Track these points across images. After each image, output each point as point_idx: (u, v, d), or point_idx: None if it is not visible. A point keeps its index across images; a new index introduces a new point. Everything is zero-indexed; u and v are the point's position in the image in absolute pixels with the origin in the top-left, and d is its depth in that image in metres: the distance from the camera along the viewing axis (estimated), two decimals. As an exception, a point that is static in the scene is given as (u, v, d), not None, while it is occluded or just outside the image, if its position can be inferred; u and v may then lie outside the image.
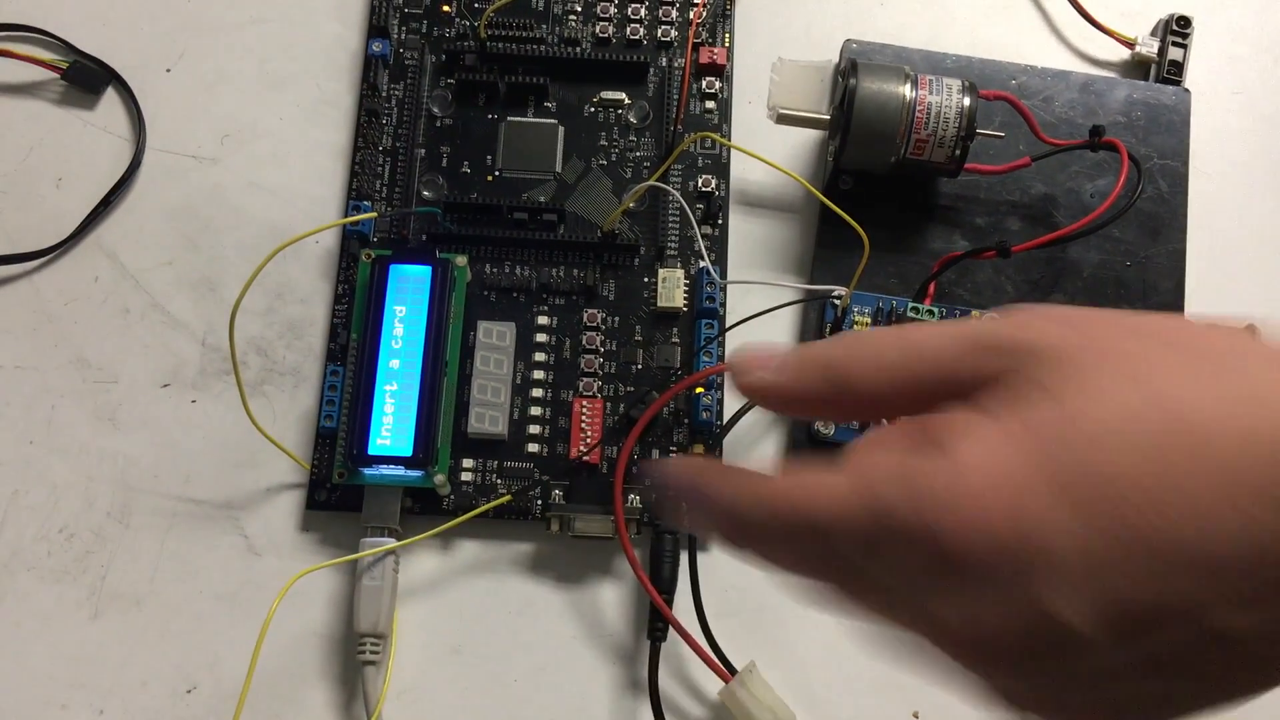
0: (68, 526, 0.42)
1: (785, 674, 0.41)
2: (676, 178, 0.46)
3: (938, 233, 0.46)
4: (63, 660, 0.41)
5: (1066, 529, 0.21)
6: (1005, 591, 0.22)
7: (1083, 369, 0.22)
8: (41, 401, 0.43)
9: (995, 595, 0.22)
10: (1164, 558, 0.21)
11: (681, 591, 0.41)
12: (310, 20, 0.49)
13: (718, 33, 0.48)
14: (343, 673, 0.41)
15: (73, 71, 0.47)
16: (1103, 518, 0.21)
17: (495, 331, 0.43)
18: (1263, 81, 0.51)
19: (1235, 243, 0.48)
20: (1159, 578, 0.21)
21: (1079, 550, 0.21)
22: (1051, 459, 0.22)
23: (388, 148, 0.46)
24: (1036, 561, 0.21)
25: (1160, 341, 0.23)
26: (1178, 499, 0.21)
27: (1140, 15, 0.50)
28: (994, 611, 0.22)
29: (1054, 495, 0.21)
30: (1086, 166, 0.47)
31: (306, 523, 0.42)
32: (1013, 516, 0.21)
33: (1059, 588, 0.21)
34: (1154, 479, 0.21)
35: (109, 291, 0.45)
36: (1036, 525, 0.21)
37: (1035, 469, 0.22)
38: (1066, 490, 0.21)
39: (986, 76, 0.47)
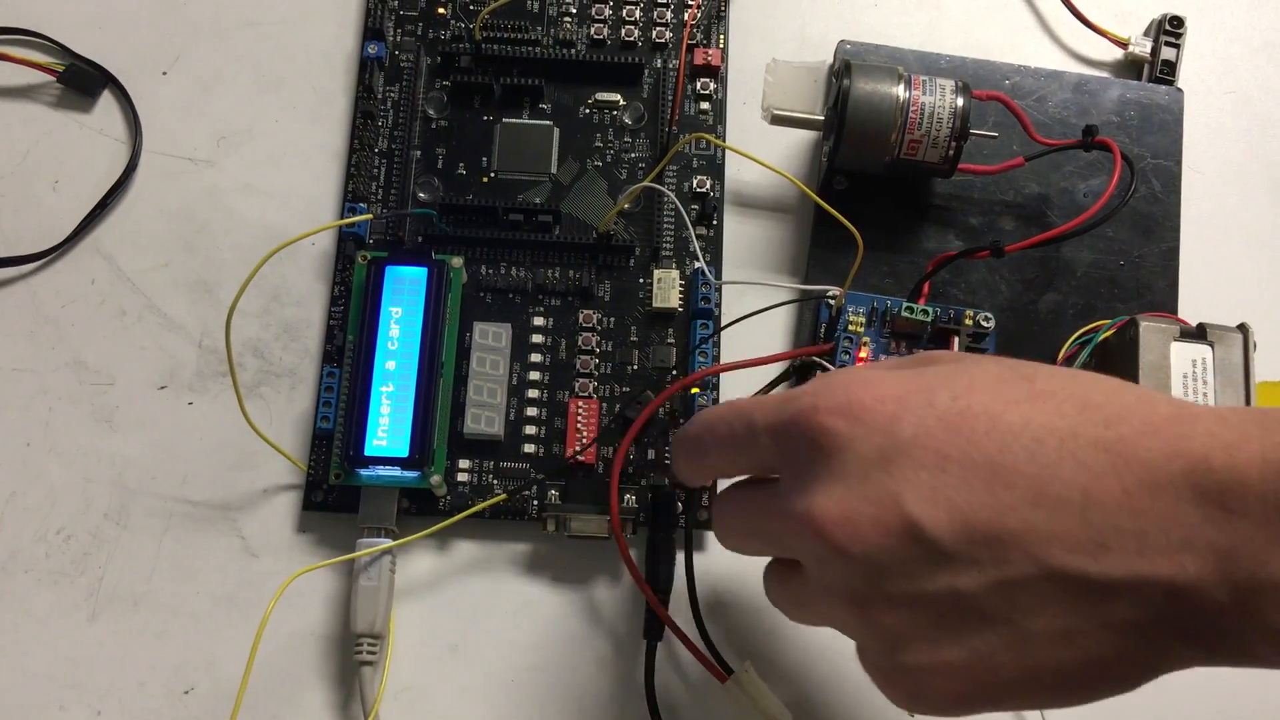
0: (65, 528, 0.42)
1: (780, 674, 0.41)
2: (671, 179, 0.46)
3: (932, 232, 0.46)
4: (60, 661, 0.41)
5: (930, 432, 0.27)
6: (873, 481, 0.27)
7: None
8: (39, 403, 0.44)
9: (865, 485, 0.27)
10: (1007, 481, 0.26)
11: (678, 591, 0.41)
12: (305, 23, 0.49)
13: (712, 34, 0.48)
14: (340, 673, 0.41)
15: (69, 74, 0.47)
16: (961, 434, 0.26)
17: (491, 332, 0.44)
18: (1255, 81, 0.51)
19: (1228, 241, 0.48)
20: (1002, 499, 0.26)
21: (937, 455, 0.26)
22: (929, 388, 0.28)
23: (383, 149, 0.46)
24: (900, 457, 0.27)
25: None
26: (1021, 439, 0.26)
27: (1133, 15, 0.51)
28: (865, 501, 0.27)
29: (925, 407, 0.27)
30: (1080, 166, 0.47)
31: (303, 524, 0.43)
32: (885, 414, 0.27)
33: (918, 488, 0.26)
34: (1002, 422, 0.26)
35: (106, 294, 0.45)
36: (906, 424, 0.27)
37: (915, 390, 0.28)
38: (934, 405, 0.27)
39: (980, 77, 0.48)
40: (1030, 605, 0.26)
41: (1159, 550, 0.24)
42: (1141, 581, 0.25)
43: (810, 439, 0.28)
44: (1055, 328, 0.45)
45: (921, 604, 0.27)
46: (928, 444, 0.27)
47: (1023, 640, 0.26)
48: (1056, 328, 0.45)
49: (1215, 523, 0.24)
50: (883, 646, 0.28)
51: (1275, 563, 0.23)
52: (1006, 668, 0.26)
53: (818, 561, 0.29)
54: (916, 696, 0.28)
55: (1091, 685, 0.27)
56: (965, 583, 0.26)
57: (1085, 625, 0.25)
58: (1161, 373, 0.40)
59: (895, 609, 0.27)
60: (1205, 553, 0.24)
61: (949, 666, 0.27)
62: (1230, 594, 0.24)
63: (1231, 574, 0.24)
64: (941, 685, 0.27)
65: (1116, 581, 0.25)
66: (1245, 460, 0.24)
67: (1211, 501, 0.24)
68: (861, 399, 0.28)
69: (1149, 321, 0.41)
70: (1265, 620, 0.24)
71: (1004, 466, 0.26)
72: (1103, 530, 0.25)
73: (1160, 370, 0.40)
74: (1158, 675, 0.26)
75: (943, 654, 0.27)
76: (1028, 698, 0.27)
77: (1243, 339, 0.41)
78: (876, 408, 0.28)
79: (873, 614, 0.28)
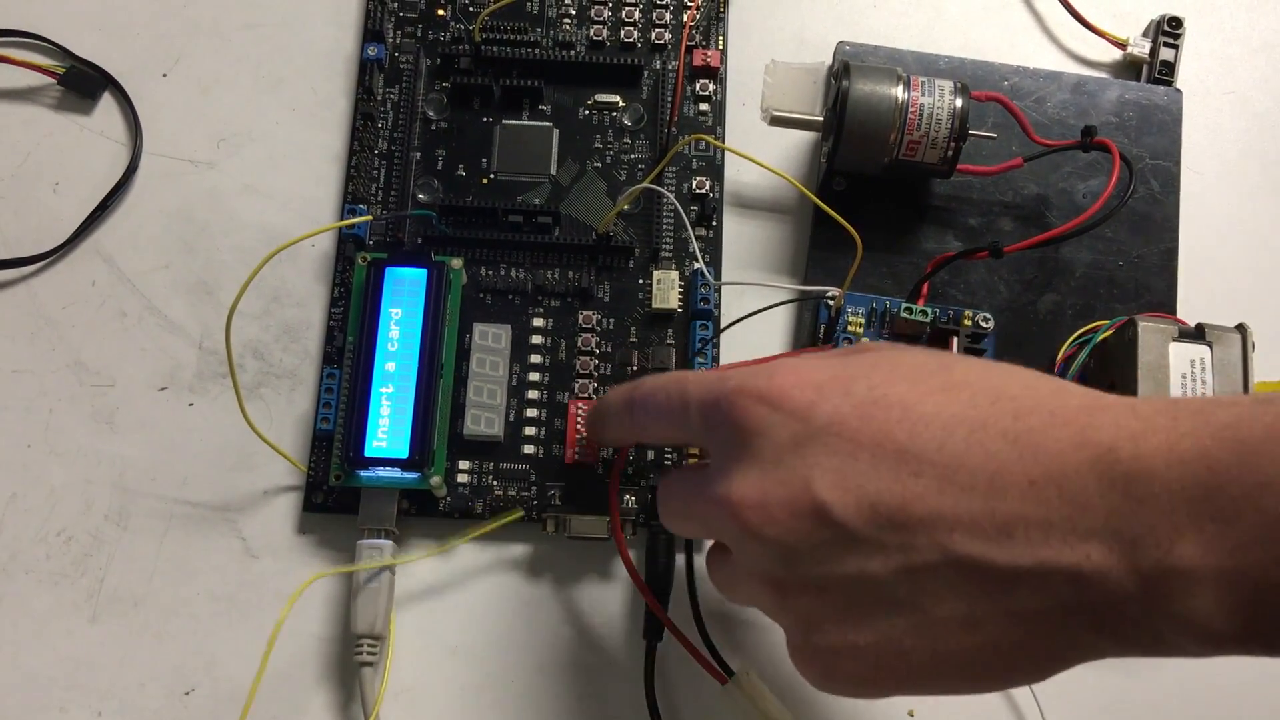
0: (66, 529, 0.42)
1: (779, 675, 0.41)
2: (671, 180, 0.46)
3: (930, 233, 0.46)
4: (61, 662, 0.41)
5: (844, 419, 0.27)
6: (786, 466, 0.28)
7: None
8: (39, 405, 0.44)
9: (778, 469, 0.28)
10: (914, 469, 0.26)
11: (680, 592, 0.41)
12: (305, 25, 0.49)
13: (711, 35, 0.49)
14: (340, 674, 0.41)
15: (69, 77, 0.47)
16: (874, 422, 0.27)
17: (491, 334, 0.44)
18: (1254, 81, 0.51)
19: (1227, 242, 0.48)
20: (910, 486, 0.26)
21: (850, 442, 0.27)
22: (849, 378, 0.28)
23: (383, 151, 0.47)
24: (813, 443, 0.27)
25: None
26: (931, 428, 0.26)
27: (1132, 16, 0.51)
28: (777, 486, 0.27)
29: (842, 396, 0.28)
30: (1079, 167, 0.47)
31: (303, 525, 0.43)
32: (802, 401, 0.28)
33: (827, 473, 0.27)
34: (914, 412, 0.27)
35: (106, 295, 0.45)
36: (821, 412, 0.28)
37: (835, 379, 0.28)
38: (851, 394, 0.28)
39: (979, 78, 0.48)
40: (935, 591, 0.26)
41: (1064, 538, 0.25)
42: (1046, 569, 0.25)
43: (732, 422, 0.29)
44: (1054, 328, 0.45)
45: (832, 587, 0.27)
46: (841, 431, 0.27)
47: (928, 625, 0.26)
48: (1055, 328, 0.45)
49: (1121, 511, 0.24)
50: (797, 627, 0.29)
51: (1181, 550, 0.24)
52: (914, 652, 0.27)
53: (736, 544, 0.29)
54: (828, 677, 0.29)
55: (998, 673, 0.27)
56: (873, 567, 0.27)
57: (990, 612, 0.26)
58: (1160, 373, 0.40)
59: (807, 591, 0.28)
60: (1111, 541, 0.24)
61: (858, 649, 0.27)
62: (1137, 582, 0.24)
63: (1137, 562, 0.24)
64: (851, 667, 0.28)
65: (1021, 569, 0.25)
66: (1151, 450, 0.24)
67: (1117, 490, 0.24)
68: (782, 385, 0.29)
69: (1148, 322, 0.41)
70: (1172, 607, 0.24)
71: (913, 454, 0.26)
72: (1008, 518, 0.25)
73: (1159, 371, 0.40)
74: (1069, 665, 0.26)
75: (852, 636, 0.27)
76: (936, 683, 0.28)
77: (1241, 339, 0.41)
78: (795, 394, 0.28)
79: (788, 596, 0.28)
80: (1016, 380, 0.28)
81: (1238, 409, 0.24)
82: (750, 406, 0.29)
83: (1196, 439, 0.24)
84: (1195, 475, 0.24)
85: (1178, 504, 0.24)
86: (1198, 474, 0.24)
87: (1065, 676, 0.41)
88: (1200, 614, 0.24)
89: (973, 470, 0.26)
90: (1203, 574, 0.23)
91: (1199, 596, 0.24)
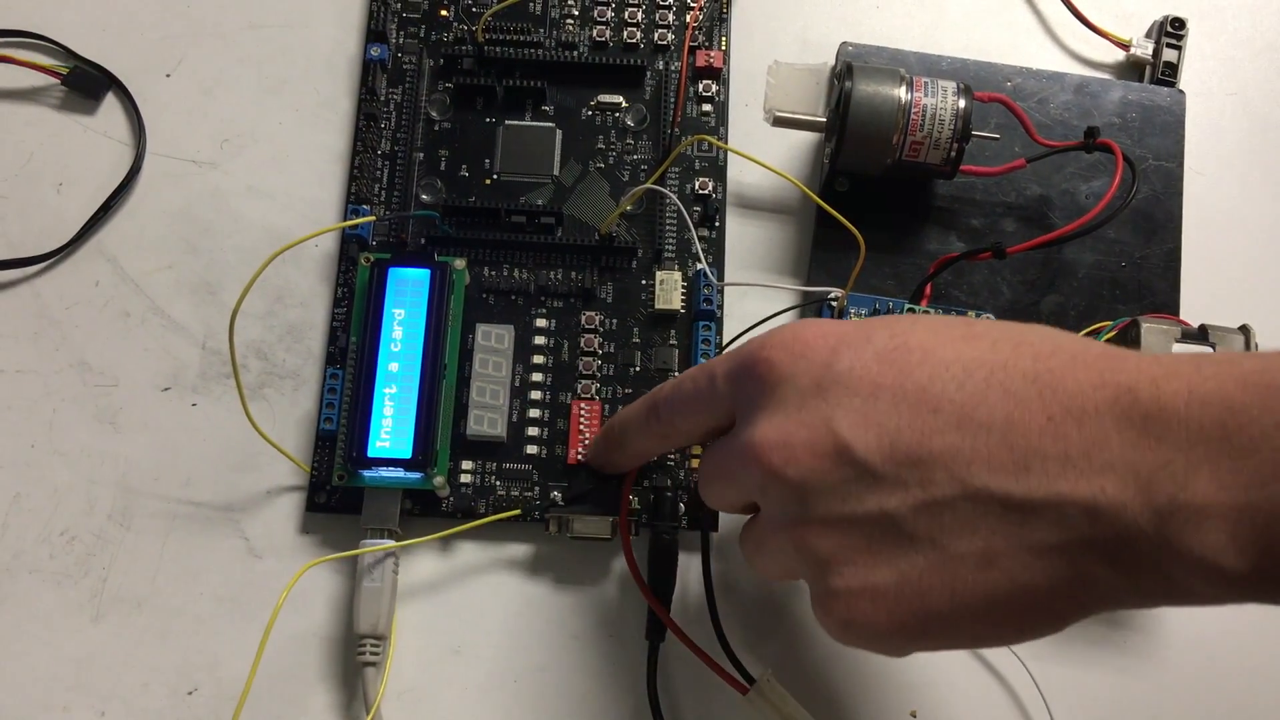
0: (69, 529, 0.42)
1: (782, 674, 0.41)
2: (674, 180, 0.46)
3: (933, 234, 0.46)
4: (64, 662, 0.41)
5: (866, 364, 0.28)
6: (809, 408, 0.28)
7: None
8: (43, 405, 0.44)
9: (801, 412, 0.28)
10: (934, 407, 0.27)
11: (692, 595, 0.41)
12: (308, 25, 0.49)
13: (714, 36, 0.49)
14: (342, 674, 0.41)
15: (73, 77, 0.47)
16: (895, 366, 0.28)
17: (494, 334, 0.44)
18: (1257, 82, 0.51)
19: (1230, 243, 0.48)
20: (929, 423, 0.27)
21: (871, 384, 0.27)
22: (870, 329, 0.29)
23: (386, 152, 0.47)
24: (835, 386, 0.28)
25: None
26: (952, 369, 0.27)
27: (1135, 17, 0.51)
28: (800, 427, 0.28)
29: (864, 343, 0.28)
30: (1082, 168, 0.47)
31: (306, 525, 0.43)
32: (825, 349, 0.29)
33: (849, 413, 0.27)
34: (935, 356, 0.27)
35: (110, 295, 0.45)
36: (844, 358, 0.28)
37: (857, 330, 0.29)
38: (873, 342, 0.28)
39: (981, 79, 0.48)
40: (953, 526, 0.26)
41: (1080, 472, 0.25)
42: (1062, 501, 0.25)
43: (757, 374, 0.30)
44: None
45: (852, 525, 0.28)
46: (863, 375, 0.28)
47: (946, 563, 0.26)
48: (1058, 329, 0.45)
49: (1138, 447, 0.24)
50: (817, 572, 0.29)
51: (1195, 486, 0.24)
52: (933, 593, 0.27)
53: (761, 491, 0.30)
54: (848, 626, 0.28)
55: (1016, 617, 0.27)
56: (893, 504, 0.27)
57: (1006, 547, 0.26)
58: (1163, 374, 0.40)
59: (828, 531, 0.28)
60: (1126, 475, 0.24)
61: (877, 590, 0.27)
62: (1150, 517, 0.24)
63: (1152, 497, 0.24)
64: (871, 611, 0.28)
65: (1037, 501, 0.25)
66: (1172, 392, 0.25)
67: (1135, 427, 0.25)
68: (804, 336, 0.29)
69: (1151, 323, 0.41)
70: (1183, 545, 0.24)
71: (933, 394, 0.27)
72: (1025, 453, 0.25)
73: (1162, 371, 0.40)
74: (1085, 610, 0.26)
75: (872, 576, 0.27)
76: (954, 630, 0.27)
77: (1245, 340, 0.41)
78: (818, 343, 0.29)
79: (807, 537, 0.28)
80: (1038, 331, 0.28)
81: (1264, 359, 0.25)
82: (774, 356, 0.30)
83: (1220, 383, 0.24)
84: (1215, 416, 0.24)
85: (1195, 442, 0.24)
86: (1218, 414, 0.24)
87: (1070, 677, 0.41)
88: (1211, 551, 0.24)
89: (991, 407, 0.26)
90: (1216, 509, 0.24)
91: (1211, 533, 0.24)
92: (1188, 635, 0.43)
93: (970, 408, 0.26)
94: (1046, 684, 0.41)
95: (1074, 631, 0.42)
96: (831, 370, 0.28)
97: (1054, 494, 0.25)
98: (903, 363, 0.28)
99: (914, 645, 0.28)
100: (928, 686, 0.41)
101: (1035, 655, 0.41)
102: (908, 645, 0.28)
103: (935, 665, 0.42)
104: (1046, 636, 0.27)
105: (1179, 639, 0.43)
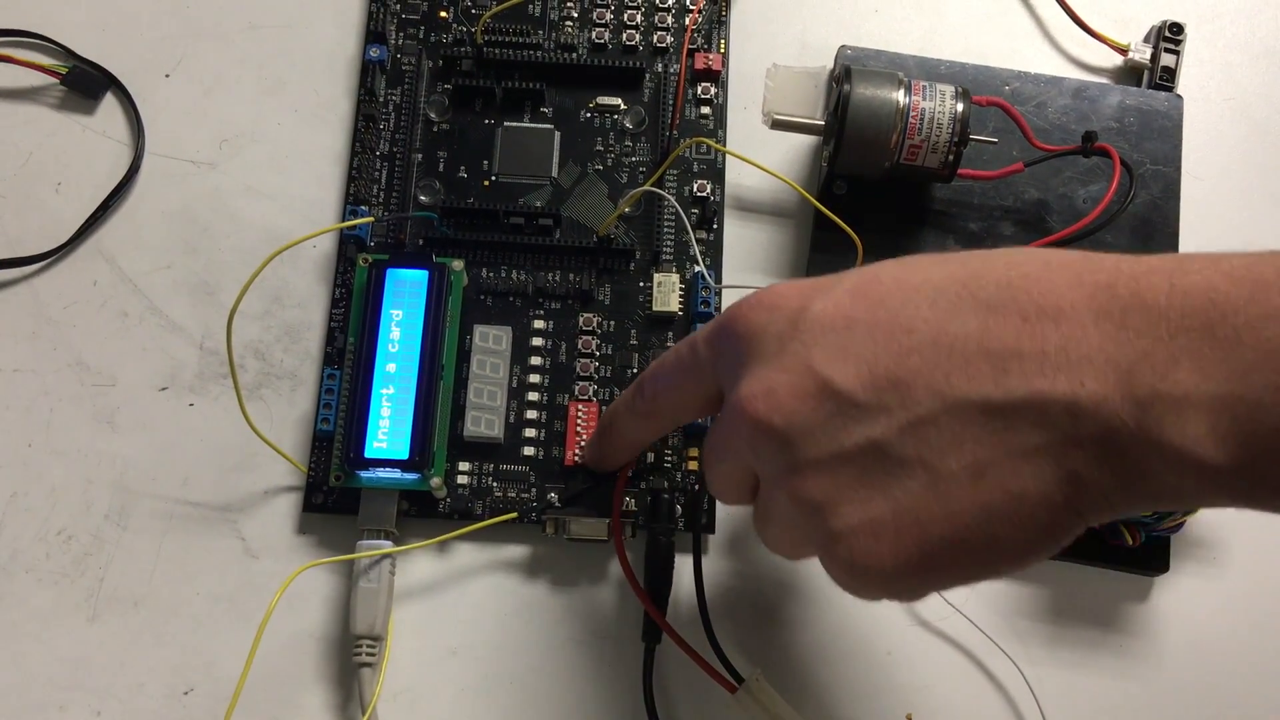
0: (66, 529, 0.42)
1: (778, 677, 0.41)
2: (672, 183, 0.47)
3: (931, 238, 0.46)
4: (60, 662, 0.41)
5: (839, 302, 0.28)
6: (786, 355, 0.28)
7: None
8: (40, 404, 0.44)
9: (779, 360, 0.28)
10: (908, 328, 0.27)
11: (687, 599, 0.41)
12: (308, 26, 0.49)
13: (713, 38, 0.49)
14: (339, 674, 0.41)
15: (72, 77, 0.47)
16: (868, 298, 0.28)
17: (491, 335, 0.44)
18: (1255, 88, 0.51)
19: (1227, 247, 0.48)
20: (904, 344, 0.27)
21: (845, 319, 0.28)
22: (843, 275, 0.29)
23: (385, 153, 0.47)
24: (810, 326, 0.28)
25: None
26: (923, 290, 0.27)
27: (1133, 22, 0.51)
28: (779, 373, 0.28)
29: (836, 285, 0.29)
30: (1079, 172, 0.47)
31: (303, 525, 0.43)
32: (798, 299, 0.29)
33: (826, 349, 0.27)
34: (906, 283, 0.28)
35: (108, 295, 0.45)
36: (817, 301, 0.28)
37: (830, 278, 0.29)
38: (844, 282, 0.29)
39: (980, 82, 0.48)
40: (941, 443, 0.26)
41: (1058, 369, 0.25)
42: (1042, 399, 0.25)
43: (734, 333, 0.30)
44: (1054, 333, 0.45)
45: (842, 462, 0.27)
46: (835, 312, 0.28)
47: (939, 483, 0.26)
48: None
49: (1116, 341, 0.24)
50: (817, 520, 0.28)
51: (1175, 376, 0.24)
52: (931, 518, 0.26)
53: (754, 452, 0.29)
54: (854, 565, 0.28)
55: (1017, 529, 0.26)
56: (879, 431, 0.27)
57: (993, 455, 0.26)
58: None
59: (820, 474, 0.28)
60: (1105, 369, 0.24)
61: (876, 524, 0.27)
62: (1131, 410, 0.24)
63: (1132, 389, 0.24)
64: (874, 548, 0.27)
65: (1017, 402, 0.25)
66: (1150, 286, 0.24)
67: (1113, 321, 0.24)
68: (777, 289, 0.30)
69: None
70: (1163, 436, 0.24)
71: (906, 316, 0.27)
72: (1002, 356, 0.25)
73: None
74: (1082, 517, 0.26)
75: (869, 510, 0.27)
76: (961, 555, 0.27)
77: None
78: (790, 293, 0.29)
79: (802, 485, 0.28)
80: (1010, 248, 0.28)
81: (1250, 255, 0.24)
82: (747, 315, 0.30)
83: (1205, 276, 0.24)
84: (1198, 308, 0.24)
85: (1176, 333, 0.24)
86: (1200, 306, 0.24)
87: (1064, 680, 0.41)
88: (1192, 441, 0.24)
89: (965, 318, 0.26)
90: (1197, 399, 0.23)
91: (1192, 423, 0.23)
92: (1182, 638, 0.43)
93: (944, 321, 0.26)
94: (1040, 687, 0.41)
95: (1068, 633, 0.42)
96: (806, 314, 0.28)
97: (1033, 393, 0.25)
98: (875, 294, 0.28)
99: (923, 580, 0.28)
100: (923, 689, 0.42)
101: (1030, 658, 0.42)
102: (917, 581, 0.28)
103: (930, 667, 0.42)
104: (1052, 552, 0.27)
105: (1173, 642, 0.43)
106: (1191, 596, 0.43)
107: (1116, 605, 0.43)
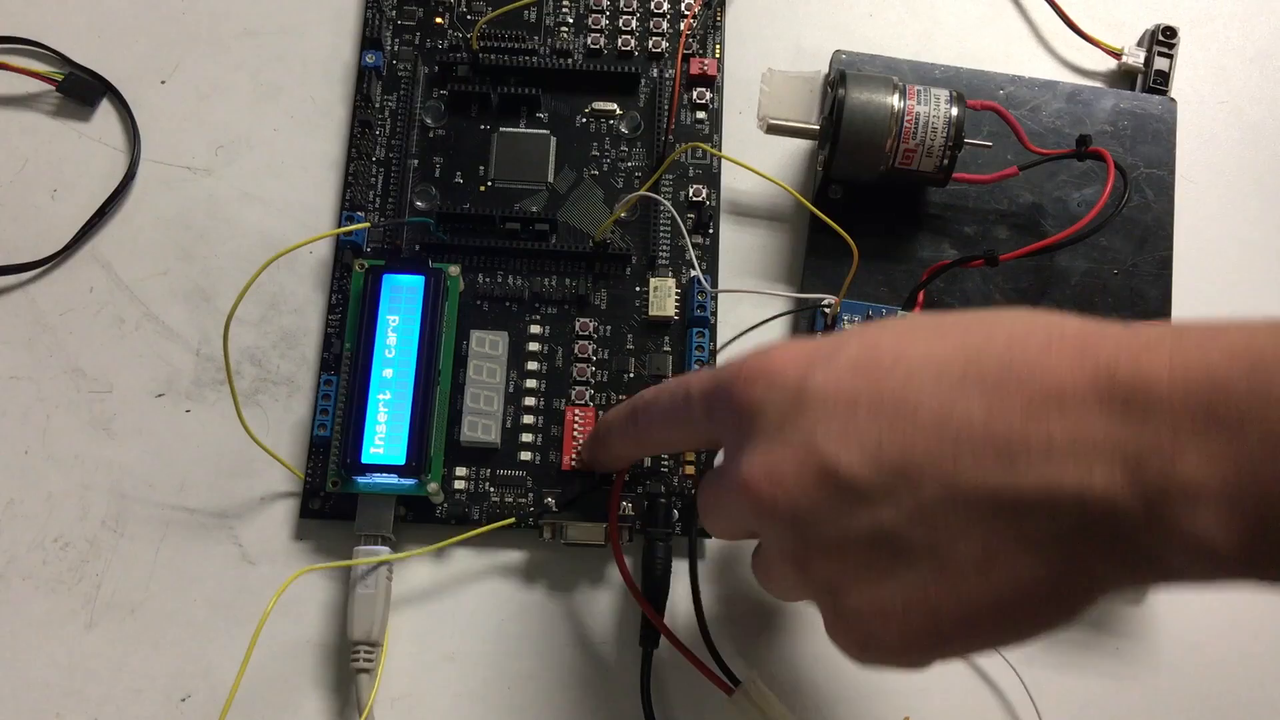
0: (63, 535, 0.42)
1: (776, 679, 0.41)
2: (667, 187, 0.47)
3: (926, 241, 0.46)
4: (57, 669, 0.41)
5: (839, 379, 0.27)
6: (789, 434, 0.28)
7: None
8: (36, 411, 0.44)
9: (782, 439, 0.28)
10: (912, 412, 0.26)
11: (684, 601, 0.41)
12: (303, 32, 0.49)
13: (708, 44, 0.49)
14: (336, 680, 0.41)
15: (68, 83, 0.47)
16: (868, 376, 0.27)
17: (488, 340, 0.44)
18: (1248, 91, 0.51)
19: (1221, 250, 0.48)
20: (909, 429, 0.26)
21: (847, 399, 0.27)
22: (841, 342, 0.28)
23: (381, 158, 0.47)
24: (812, 406, 0.27)
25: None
26: (926, 370, 0.27)
27: (1127, 26, 0.51)
28: (783, 455, 0.27)
29: (835, 356, 0.28)
30: (1074, 176, 0.47)
31: (300, 531, 0.43)
32: (797, 371, 0.28)
33: (829, 433, 0.27)
34: (908, 358, 0.27)
35: (104, 302, 0.45)
36: (817, 376, 0.28)
37: (827, 345, 0.29)
38: (844, 353, 0.28)
39: (974, 87, 0.48)
40: (948, 530, 0.26)
41: (1066, 458, 0.24)
42: (1051, 491, 0.25)
43: (732, 407, 0.30)
44: (1049, 336, 0.45)
45: (850, 547, 0.27)
46: (837, 389, 0.27)
47: (948, 569, 0.26)
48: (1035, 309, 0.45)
49: (1121, 428, 0.24)
50: (827, 599, 0.28)
51: (1184, 464, 0.23)
52: (941, 603, 0.26)
53: (759, 525, 0.29)
54: (865, 647, 0.28)
55: (1026, 614, 0.26)
56: (886, 517, 0.26)
57: (1003, 543, 0.25)
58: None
59: (828, 557, 0.28)
60: (1113, 458, 0.24)
61: (885, 610, 0.27)
62: (1141, 500, 0.24)
63: (1141, 479, 0.24)
64: (884, 628, 0.27)
65: (1026, 491, 0.25)
66: (1152, 366, 0.24)
67: (1117, 407, 0.24)
68: (774, 360, 0.29)
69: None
70: (1176, 525, 0.23)
71: (909, 399, 0.26)
72: (1009, 441, 0.25)
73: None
74: (1092, 599, 0.26)
75: (878, 594, 0.27)
76: (970, 636, 0.27)
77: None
78: (788, 368, 0.29)
79: (811, 567, 0.28)
80: (1010, 315, 0.28)
81: (1251, 330, 0.24)
82: (747, 388, 0.29)
83: (1204, 354, 0.24)
84: (1199, 390, 0.23)
85: (1180, 419, 0.23)
86: (1202, 389, 0.23)
87: (1061, 682, 0.41)
88: (1203, 531, 0.23)
89: (970, 402, 0.26)
90: (1206, 489, 0.23)
91: (1202, 513, 0.23)
92: (1178, 640, 0.43)
93: (948, 406, 0.26)
94: (1037, 689, 0.41)
95: (1065, 636, 0.42)
96: (806, 390, 0.28)
97: (1043, 483, 0.25)
98: (875, 371, 0.27)
99: (933, 657, 0.28)
100: (919, 693, 0.42)
101: (1026, 661, 0.42)
102: (926, 658, 0.28)
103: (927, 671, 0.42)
104: (1064, 628, 0.27)
105: (1170, 644, 0.43)
106: (1188, 599, 0.43)
107: (1113, 607, 0.43)
